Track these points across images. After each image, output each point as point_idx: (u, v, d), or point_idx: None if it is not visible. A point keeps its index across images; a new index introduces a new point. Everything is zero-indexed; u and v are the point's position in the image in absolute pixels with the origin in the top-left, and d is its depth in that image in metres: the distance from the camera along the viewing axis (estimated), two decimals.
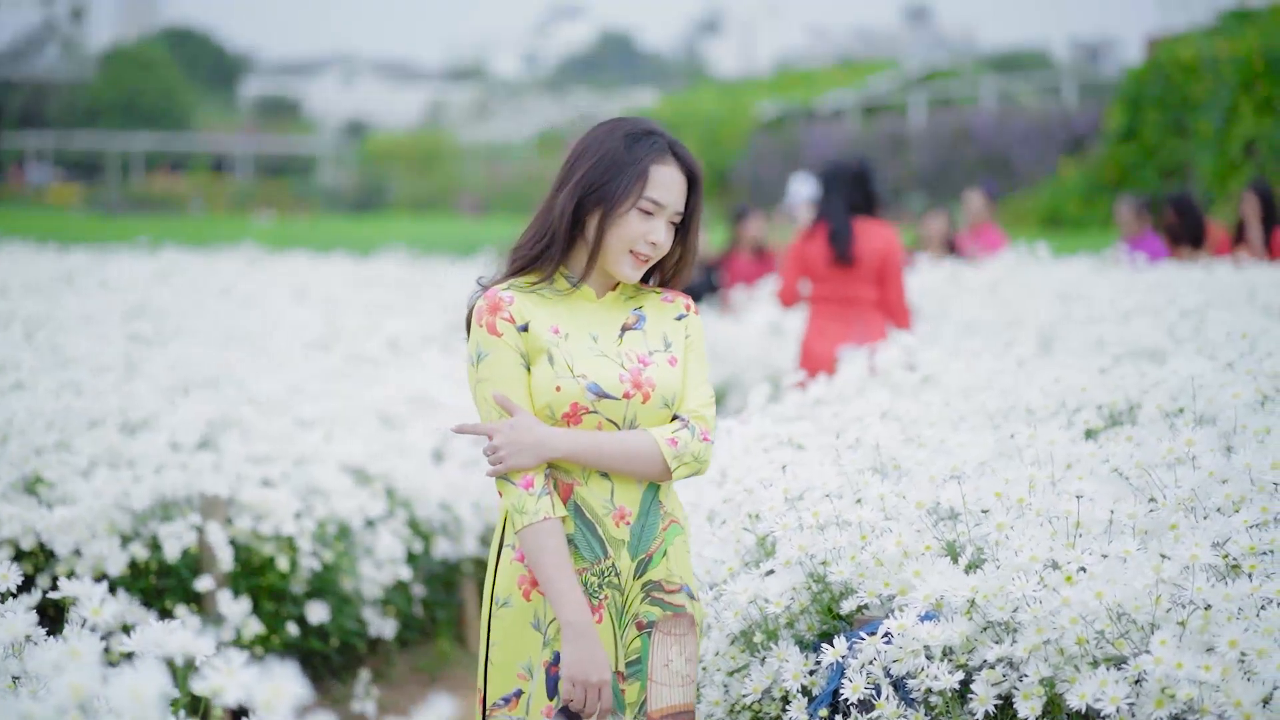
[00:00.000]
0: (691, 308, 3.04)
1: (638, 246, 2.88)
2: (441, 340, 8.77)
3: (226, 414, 5.52)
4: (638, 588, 2.91)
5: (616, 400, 2.86)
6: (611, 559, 2.88)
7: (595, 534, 2.87)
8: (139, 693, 1.75)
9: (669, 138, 2.93)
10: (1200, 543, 2.82)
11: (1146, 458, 3.41)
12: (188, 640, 2.11)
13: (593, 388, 2.85)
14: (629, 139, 2.89)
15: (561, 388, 2.84)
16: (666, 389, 2.91)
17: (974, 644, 2.95)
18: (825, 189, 7.47)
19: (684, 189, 2.91)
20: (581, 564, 2.86)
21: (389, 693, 5.54)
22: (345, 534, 5.30)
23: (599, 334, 2.92)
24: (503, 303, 2.88)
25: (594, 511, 2.87)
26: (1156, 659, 2.64)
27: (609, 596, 2.88)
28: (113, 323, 7.31)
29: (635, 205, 2.86)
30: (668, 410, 2.91)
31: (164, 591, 4.85)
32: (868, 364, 5.13)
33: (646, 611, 2.91)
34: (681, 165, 2.91)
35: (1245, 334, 4.34)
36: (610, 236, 2.87)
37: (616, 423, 2.87)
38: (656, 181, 2.87)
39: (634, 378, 2.88)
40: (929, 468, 3.44)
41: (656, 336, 2.96)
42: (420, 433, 6.30)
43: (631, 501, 2.89)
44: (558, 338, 2.88)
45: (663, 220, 2.88)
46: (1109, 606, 2.76)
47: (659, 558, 2.92)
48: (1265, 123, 17.55)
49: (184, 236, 18.60)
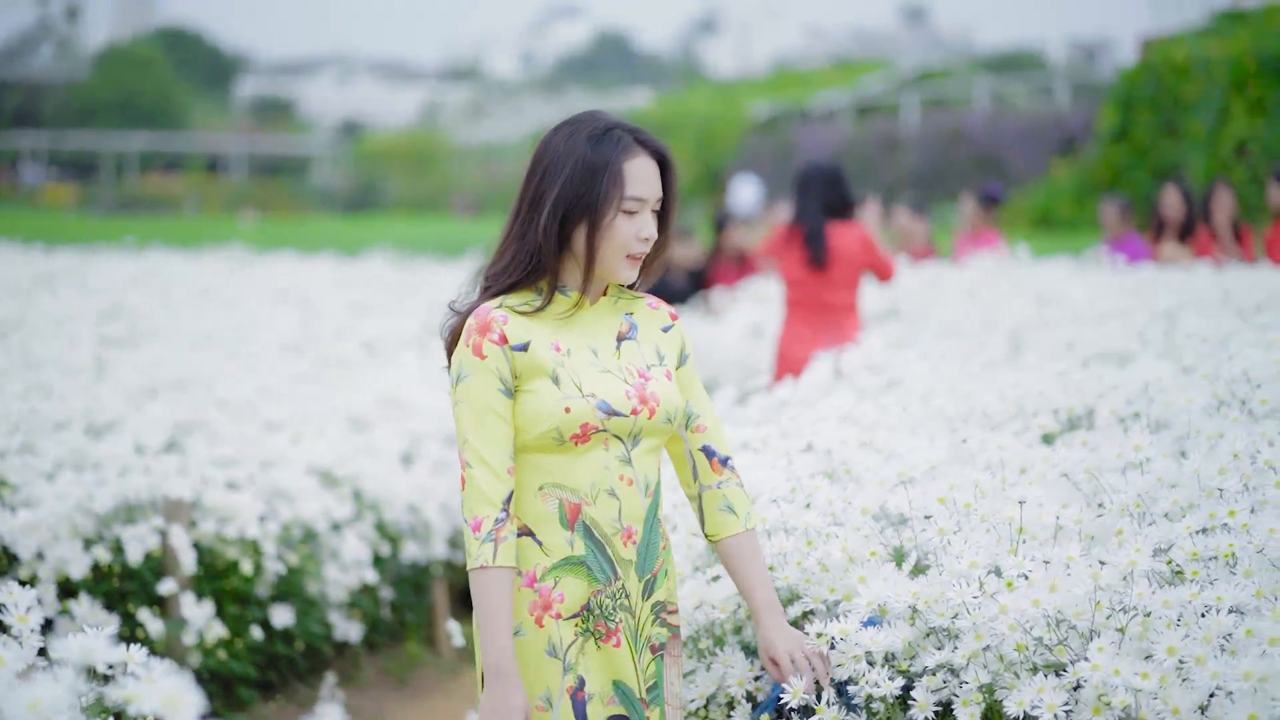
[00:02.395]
0: (676, 318, 2.98)
1: (632, 248, 2.79)
2: (419, 342, 8.74)
3: (193, 417, 5.51)
4: (647, 609, 2.84)
5: (625, 417, 2.79)
6: (621, 580, 2.80)
7: (605, 555, 2.79)
8: (37, 705, 1.74)
9: (629, 127, 2.82)
10: (1141, 549, 2.81)
11: (1100, 462, 3.41)
12: (105, 649, 2.09)
13: (602, 406, 2.77)
14: (592, 141, 2.78)
15: (571, 408, 2.74)
16: (669, 404, 2.84)
17: (916, 650, 2.94)
18: (801, 192, 7.49)
19: (658, 175, 2.82)
20: (595, 586, 2.78)
21: (356, 696, 5.52)
22: (311, 537, 5.29)
23: (597, 346, 2.84)
24: (494, 323, 2.76)
25: (603, 531, 2.79)
26: (1094, 666, 2.63)
27: (623, 620, 2.81)
28: (87, 325, 7.29)
29: (619, 209, 2.77)
30: (669, 425, 2.85)
31: (127, 595, 4.83)
32: (834, 367, 5.13)
33: (657, 633, 2.86)
34: (650, 152, 2.81)
35: (1205, 338, 4.34)
36: (603, 246, 2.78)
37: (623, 439, 2.80)
38: (633, 178, 2.78)
39: (639, 393, 2.81)
40: (879, 473, 3.43)
41: (650, 348, 2.90)
42: (390, 435, 6.29)
43: (637, 520, 2.82)
44: (560, 355, 2.79)
45: (647, 213, 2.80)
46: (1048, 613, 2.75)
47: (662, 577, 2.87)
48: (1257, 123, 17.54)
49: (173, 237, 18.59)
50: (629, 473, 2.81)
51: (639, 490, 2.82)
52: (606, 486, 2.79)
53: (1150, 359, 4.60)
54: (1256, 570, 2.81)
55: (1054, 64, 40.81)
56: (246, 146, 49.68)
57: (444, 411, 6.58)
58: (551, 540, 2.77)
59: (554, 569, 2.76)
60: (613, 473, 2.79)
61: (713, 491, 2.94)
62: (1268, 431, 3.36)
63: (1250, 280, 7.35)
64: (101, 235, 18.92)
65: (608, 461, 2.79)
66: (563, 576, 2.76)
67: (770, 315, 8.08)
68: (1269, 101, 17.79)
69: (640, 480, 2.82)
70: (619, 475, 2.80)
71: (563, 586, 2.76)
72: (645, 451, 2.83)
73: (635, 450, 2.82)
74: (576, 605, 2.77)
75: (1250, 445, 3.22)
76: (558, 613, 2.75)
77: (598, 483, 2.78)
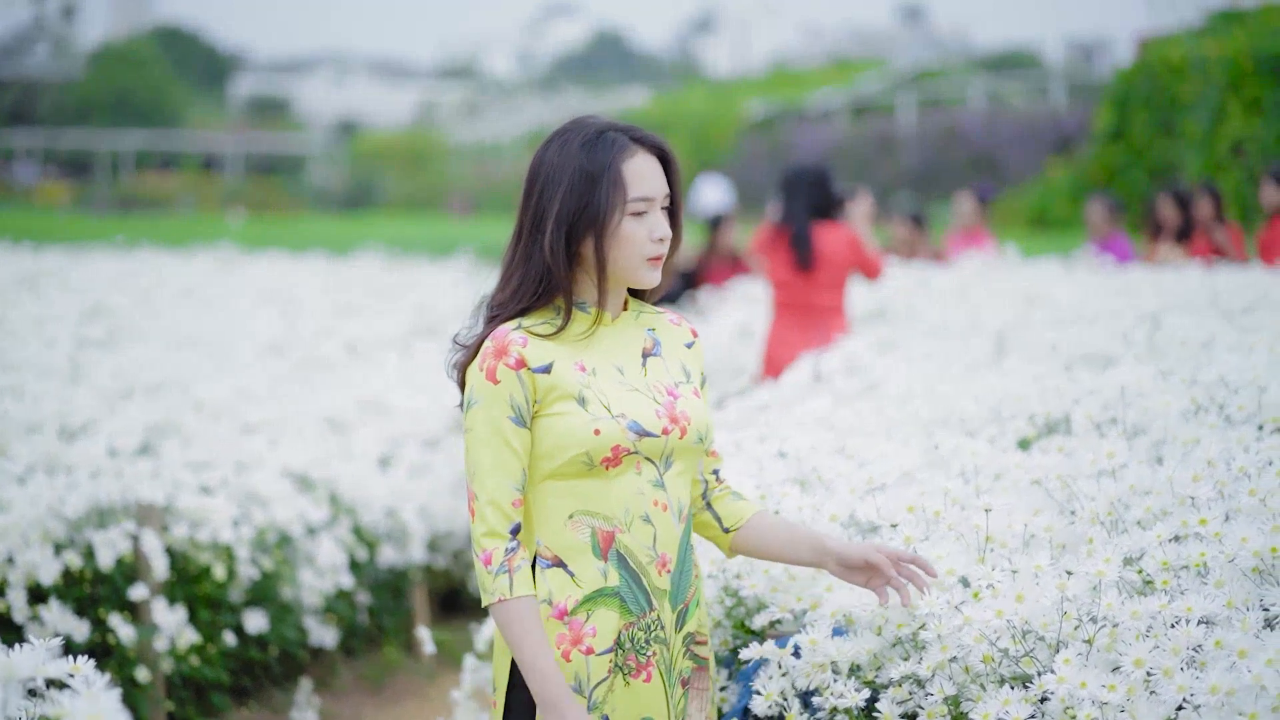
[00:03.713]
0: (697, 335, 2.88)
1: (648, 250, 2.67)
2: (403, 343, 8.68)
3: (168, 419, 5.46)
4: (679, 641, 2.72)
5: (656, 438, 2.67)
6: (656, 611, 2.67)
7: (640, 585, 2.66)
8: None
9: (623, 126, 2.71)
10: (1110, 558, 2.77)
11: (1076, 468, 3.36)
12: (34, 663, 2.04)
13: (633, 426, 2.64)
14: (586, 148, 2.66)
15: (601, 430, 2.62)
16: (700, 423, 2.73)
17: (882, 661, 2.90)
18: (787, 194, 7.47)
19: (661, 171, 2.70)
20: (628, 619, 2.65)
21: (333, 702, 5.48)
22: (286, 541, 5.24)
23: (623, 364, 2.72)
24: (511, 345, 2.63)
25: (638, 561, 2.66)
26: (1060, 678, 2.59)
27: (656, 652, 2.68)
28: (67, 325, 7.24)
29: (625, 213, 2.65)
30: (701, 445, 2.74)
31: (98, 600, 4.79)
32: (813, 370, 5.08)
33: (687, 667, 2.75)
34: (649, 148, 2.70)
35: (1184, 341, 4.29)
36: (616, 255, 2.66)
37: (654, 461, 2.67)
38: (635, 178, 2.66)
39: (669, 412, 2.70)
40: (850, 479, 3.38)
41: (675, 365, 2.78)
42: (369, 438, 6.24)
43: (671, 547, 2.69)
44: (586, 375, 2.66)
45: (657, 212, 2.68)
46: (1014, 624, 2.70)
47: (694, 608, 2.76)
48: (1253, 123, 17.49)
49: (164, 236, 18.53)
50: (663, 497, 2.68)
51: (673, 515, 2.70)
52: (641, 512, 2.66)
53: (1131, 362, 4.55)
54: (1228, 580, 2.77)
55: (1051, 63, 40.71)
56: (242, 145, 49.58)
57: (425, 414, 6.54)
58: (584, 571, 2.64)
59: (586, 601, 2.64)
60: (646, 497, 2.67)
61: (720, 491, 2.88)
62: (1244, 437, 3.31)
63: (1240, 281, 7.31)
64: (94, 234, 18.86)
65: (641, 486, 2.67)
66: (595, 609, 2.63)
67: (758, 315, 8.04)
68: (1265, 101, 17.74)
69: (674, 505, 2.71)
70: (653, 500, 2.67)
71: (595, 620, 2.63)
72: (677, 474, 2.72)
73: (668, 473, 2.70)
74: (609, 640, 2.63)
75: (1226, 451, 3.17)
76: (589, 647, 2.63)
77: (631, 509, 2.66)
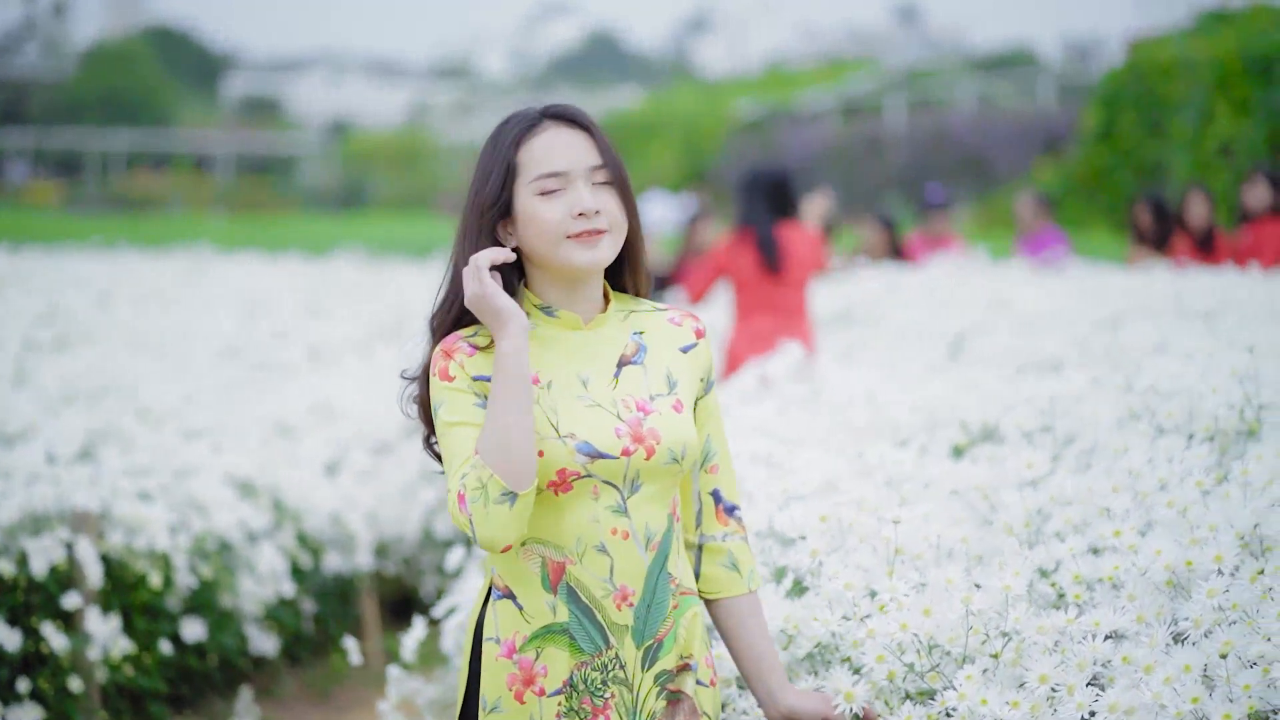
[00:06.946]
0: (703, 334, 2.60)
1: (568, 227, 2.44)
2: (365, 346, 8.61)
3: (110, 425, 5.39)
4: (649, 680, 2.48)
5: (614, 459, 2.43)
6: (614, 648, 2.45)
7: (594, 620, 2.44)
8: None
9: (540, 107, 2.54)
10: (1020, 571, 2.70)
11: (1002, 478, 3.30)
12: None
13: (584, 448, 2.42)
14: (492, 140, 2.51)
15: (545, 452, 2.40)
16: (674, 441, 2.47)
17: (793, 675, 2.83)
18: (748, 196, 7.42)
19: (583, 143, 2.49)
20: (580, 657, 2.44)
21: (276, 710, 5.42)
22: (226, 549, 5.17)
23: (589, 375, 2.49)
24: (457, 351, 2.45)
25: (590, 594, 2.44)
26: (960, 694, 2.53)
27: (615, 694, 2.45)
28: (18, 328, 7.16)
29: (531, 192, 2.45)
30: (677, 466, 2.48)
31: (32, 608, 4.71)
32: (759, 376, 5.02)
33: (661, 707, 2.50)
34: (563, 121, 2.50)
35: (1126, 348, 4.23)
36: (533, 237, 2.46)
37: (617, 485, 2.44)
38: (536, 153, 2.47)
39: (633, 431, 2.45)
40: (769, 488, 3.32)
41: (659, 375, 2.52)
42: (317, 443, 6.16)
43: (635, 578, 2.45)
44: (538, 389, 2.45)
45: (578, 188, 2.46)
46: (919, 638, 2.64)
47: (670, 642, 2.50)
48: (1241, 123, 17.45)
49: (145, 237, 18.46)
50: (624, 525, 2.45)
51: (636, 544, 2.46)
52: (595, 542, 2.44)
53: (1074, 369, 4.50)
54: (1140, 594, 2.71)
55: (1045, 64, 40.64)
56: (234, 145, 49.45)
57: (376, 418, 6.48)
58: (532, 604, 2.45)
59: (535, 638, 2.45)
60: (603, 525, 2.44)
61: (715, 545, 2.61)
62: (1172, 447, 3.24)
63: (1204, 285, 7.26)
64: (78, 234, 18.79)
65: (596, 513, 2.44)
66: (545, 647, 2.44)
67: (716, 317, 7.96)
68: (1253, 102, 17.70)
69: (638, 532, 2.46)
70: (610, 528, 2.44)
71: (545, 659, 2.44)
72: (648, 499, 2.47)
73: (635, 498, 2.46)
74: (559, 680, 2.44)
75: (1151, 461, 3.11)
76: (541, 688, 2.44)
77: (584, 538, 2.44)
